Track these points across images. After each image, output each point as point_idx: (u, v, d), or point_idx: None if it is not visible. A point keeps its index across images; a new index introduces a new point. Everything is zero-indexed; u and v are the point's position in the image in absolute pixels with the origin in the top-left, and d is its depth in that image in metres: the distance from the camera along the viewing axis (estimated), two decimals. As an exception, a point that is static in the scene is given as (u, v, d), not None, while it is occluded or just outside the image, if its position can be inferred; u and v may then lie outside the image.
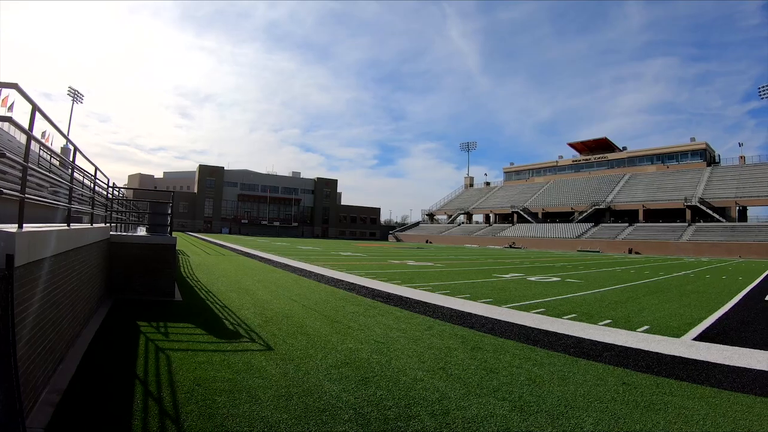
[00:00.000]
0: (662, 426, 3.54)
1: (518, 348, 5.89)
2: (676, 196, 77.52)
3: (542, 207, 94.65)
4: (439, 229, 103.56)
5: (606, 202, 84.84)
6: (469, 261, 27.16)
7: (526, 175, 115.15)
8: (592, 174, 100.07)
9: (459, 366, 4.98)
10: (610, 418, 3.65)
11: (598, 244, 70.70)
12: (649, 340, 6.54)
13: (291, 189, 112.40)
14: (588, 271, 21.46)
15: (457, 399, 3.96)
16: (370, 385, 4.24)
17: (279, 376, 4.39)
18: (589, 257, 40.77)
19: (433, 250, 44.10)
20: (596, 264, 28.33)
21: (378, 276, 14.57)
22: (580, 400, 4.04)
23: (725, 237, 64.19)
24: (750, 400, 4.22)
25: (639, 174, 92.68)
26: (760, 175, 76.51)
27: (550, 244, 75.06)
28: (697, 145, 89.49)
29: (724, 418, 3.72)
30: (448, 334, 6.61)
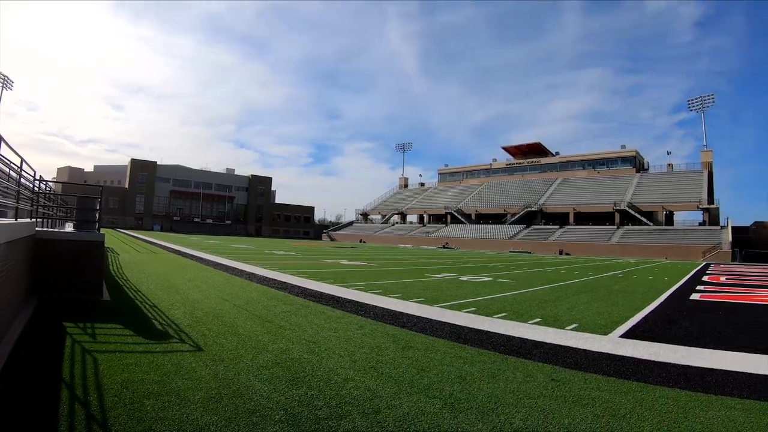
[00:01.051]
0: (590, 420, 3.63)
1: (449, 346, 5.93)
2: (606, 200, 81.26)
3: (475, 208, 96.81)
4: (373, 228, 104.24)
5: (538, 205, 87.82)
6: (402, 261, 27.42)
7: (460, 176, 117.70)
8: (525, 177, 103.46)
9: (390, 365, 4.96)
10: (540, 414, 3.71)
11: (529, 245, 73.07)
12: (578, 338, 6.74)
13: (225, 186, 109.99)
14: (519, 271, 22.06)
15: (388, 397, 3.94)
16: (301, 385, 4.16)
17: (209, 377, 4.26)
18: (521, 258, 41.94)
19: (367, 250, 44.38)
20: (527, 264, 29.15)
21: (311, 275, 14.45)
22: (509, 396, 4.10)
23: (652, 239, 68.02)
24: (675, 393, 4.41)
25: (570, 178, 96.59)
26: (686, 182, 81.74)
27: (483, 245, 76.73)
28: (627, 152, 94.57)
29: (650, 412, 3.86)
30: (380, 333, 6.59)
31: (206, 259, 19.74)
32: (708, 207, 73.26)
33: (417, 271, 19.25)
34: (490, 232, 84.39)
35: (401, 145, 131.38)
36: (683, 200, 76.52)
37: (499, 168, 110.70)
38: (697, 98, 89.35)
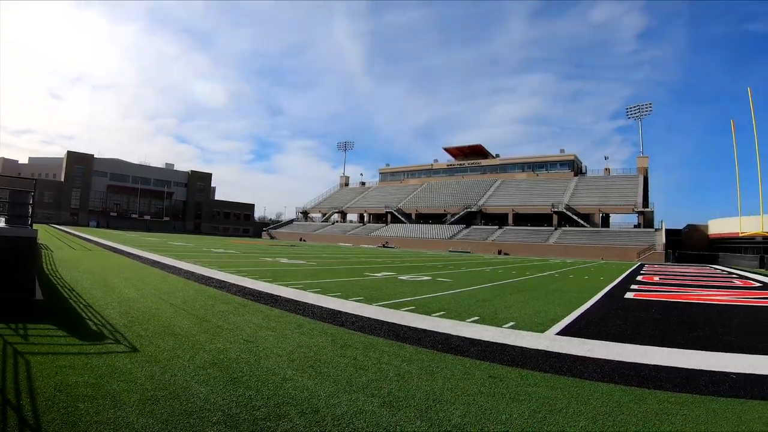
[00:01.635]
0: (527, 415, 3.66)
1: (387, 345, 5.90)
2: (544, 202, 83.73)
3: (416, 208, 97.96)
4: (313, 227, 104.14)
5: (478, 205, 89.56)
6: (342, 259, 27.35)
7: (401, 176, 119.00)
8: (466, 178, 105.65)
9: (329, 364, 4.89)
10: (477, 410, 3.73)
11: (469, 245, 74.37)
12: (515, 335, 6.83)
13: (163, 182, 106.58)
14: (458, 270, 22.34)
15: (326, 397, 3.88)
16: (239, 385, 4.04)
17: (144, 379, 4.07)
18: (460, 257, 42.58)
19: (307, 248, 44.18)
20: (466, 264, 29.59)
21: (249, 274, 14.17)
22: (447, 393, 4.10)
23: (589, 241, 70.45)
24: (609, 388, 4.51)
25: (510, 180, 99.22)
26: (621, 185, 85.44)
27: (423, 245, 77.65)
28: (566, 156, 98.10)
29: (586, 406, 3.94)
30: (318, 332, 6.50)
31: (143, 256, 19.06)
32: (643, 210, 76.84)
33: (356, 270, 19.20)
34: (430, 231, 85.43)
35: (343, 144, 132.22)
36: (619, 203, 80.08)
37: (440, 168, 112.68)
38: (635, 106, 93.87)
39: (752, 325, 9.16)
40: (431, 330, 6.93)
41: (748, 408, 4.12)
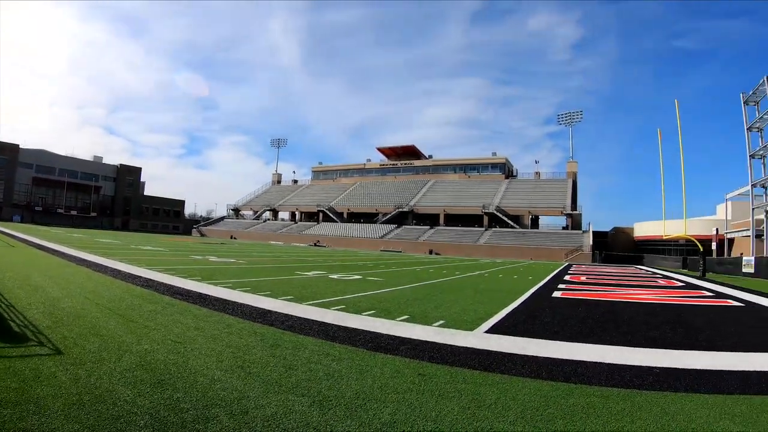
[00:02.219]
0: (456, 411, 3.68)
1: (317, 344, 5.83)
2: (475, 203, 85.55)
3: (348, 207, 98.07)
4: (244, 224, 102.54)
5: (410, 206, 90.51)
6: (272, 258, 27.16)
7: (333, 175, 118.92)
8: (398, 178, 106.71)
9: (258, 364, 4.77)
10: (407, 408, 3.71)
11: (400, 244, 75.05)
12: (444, 334, 6.89)
13: (91, 175, 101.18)
14: (389, 269, 22.48)
15: (256, 397, 3.78)
16: (166, 387, 3.87)
17: (70, 382, 3.83)
18: (392, 257, 42.98)
19: (237, 247, 43.80)
20: (397, 263, 29.87)
21: (178, 272, 13.77)
22: (377, 392, 4.07)
23: (518, 241, 72.49)
24: (538, 384, 4.60)
25: (442, 181, 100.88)
26: (551, 189, 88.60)
27: (355, 244, 77.81)
28: (498, 159, 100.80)
29: (514, 402, 3.99)
30: (248, 331, 6.35)
31: (69, 254, 18.27)
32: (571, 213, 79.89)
33: (287, 268, 19.03)
34: (362, 231, 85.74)
35: (276, 141, 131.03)
36: (549, 206, 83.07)
37: (373, 168, 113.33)
38: (566, 113, 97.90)
39: (674, 322, 9.57)
40: (361, 329, 6.90)
41: (671, 401, 4.29)
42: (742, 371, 5.60)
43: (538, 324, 8.43)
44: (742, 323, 10.10)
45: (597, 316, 9.97)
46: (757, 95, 44.83)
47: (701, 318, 10.60)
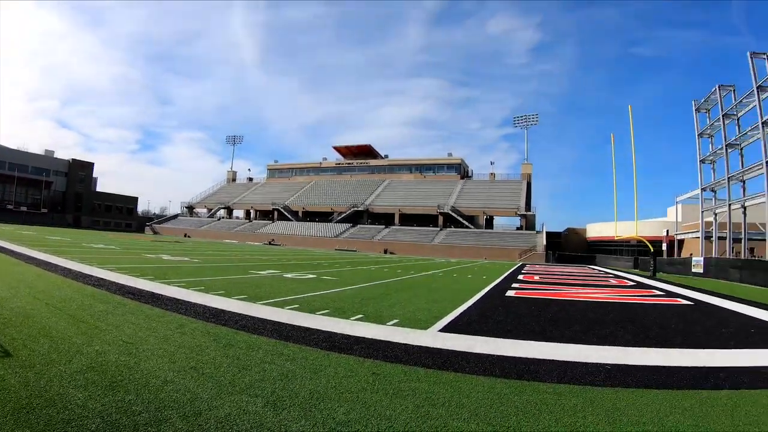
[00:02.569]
0: (410, 410, 3.68)
1: (271, 344, 5.75)
2: (430, 203, 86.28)
3: (303, 206, 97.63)
4: (198, 222, 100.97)
5: (365, 205, 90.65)
6: (226, 257, 26.83)
7: (289, 173, 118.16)
8: (354, 177, 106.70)
9: (211, 365, 4.68)
10: (361, 407, 3.70)
11: (355, 243, 75.11)
12: (398, 333, 6.89)
13: (42, 170, 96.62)
14: (344, 269, 22.46)
15: (209, 399, 3.69)
16: (118, 390, 3.75)
17: (19, 386, 3.67)
18: (347, 256, 42.93)
19: (191, 245, 43.36)
20: (352, 262, 29.82)
21: (131, 271, 13.39)
22: (331, 391, 4.04)
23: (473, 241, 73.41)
24: (491, 381, 4.64)
25: (398, 181, 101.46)
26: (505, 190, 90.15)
27: (310, 243, 77.62)
28: (454, 159, 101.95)
29: (468, 399, 4.01)
30: (201, 332, 6.22)
31: (17, 252, 17.72)
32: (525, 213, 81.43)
33: (241, 267, 18.80)
34: (317, 229, 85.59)
35: (232, 138, 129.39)
36: (503, 206, 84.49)
37: (329, 167, 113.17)
38: (522, 116, 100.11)
39: (626, 320, 9.87)
40: (315, 328, 6.84)
41: (622, 396, 4.40)
42: (691, 367, 5.80)
43: (492, 323, 8.53)
44: (690, 321, 10.45)
45: (550, 314, 10.18)
46: (708, 103, 46.50)
47: (652, 316, 10.93)
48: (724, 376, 5.43)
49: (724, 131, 42.15)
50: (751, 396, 4.65)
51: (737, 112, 41.38)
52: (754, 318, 11.25)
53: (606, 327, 8.71)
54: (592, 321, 9.45)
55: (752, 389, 4.91)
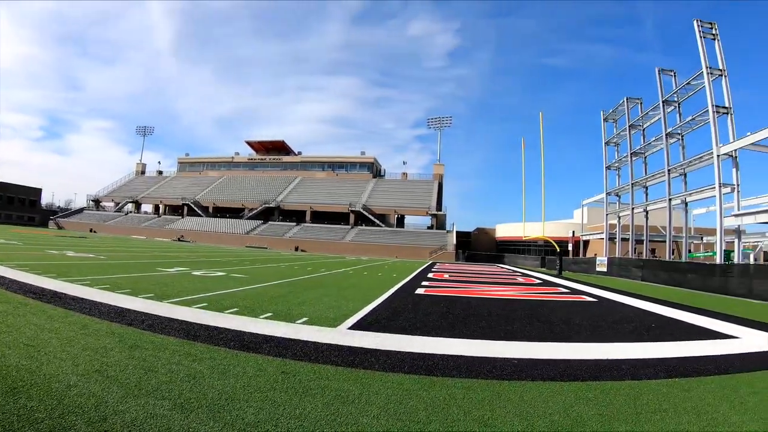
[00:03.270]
0: (320, 408, 3.65)
1: (178, 344, 5.54)
2: (342, 201, 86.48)
3: (214, 201, 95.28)
4: (105, 217, 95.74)
5: (276, 201, 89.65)
6: (134, 253, 25.80)
7: (200, 167, 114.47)
8: (266, 173, 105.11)
9: (116, 367, 4.43)
10: (271, 406, 3.64)
11: (266, 241, 74.23)
12: (308, 331, 6.84)
13: None
14: (254, 266, 22.09)
15: (114, 403, 3.50)
16: (19, 396, 3.48)
17: None
18: (257, 253, 42.34)
19: (97, 240, 41.19)
20: (262, 260, 29.45)
21: (32, 268, 12.54)
22: (240, 392, 3.95)
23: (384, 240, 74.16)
24: (400, 377, 4.68)
25: (310, 178, 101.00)
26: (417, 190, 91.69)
27: (220, 239, 76.07)
28: (366, 158, 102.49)
29: (377, 396, 4.03)
30: (106, 332, 5.89)
31: None
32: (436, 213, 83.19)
33: (149, 264, 18.14)
34: (228, 226, 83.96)
35: (143, 128, 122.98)
36: (414, 206, 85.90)
37: (241, 162, 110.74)
38: (436, 118, 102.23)
39: (531, 317, 10.22)
40: (224, 327, 6.68)
41: (530, 389, 4.58)
42: (595, 360, 6.14)
43: (401, 320, 8.60)
44: (594, 317, 10.97)
45: (458, 311, 10.38)
46: (616, 114, 49.41)
47: (557, 312, 11.45)
48: (626, 367, 5.77)
49: (630, 140, 45.03)
50: (652, 385, 4.98)
51: (643, 124, 44.34)
52: (653, 313, 12.05)
53: (513, 323, 9.00)
54: (499, 317, 9.73)
55: (652, 379, 5.25)
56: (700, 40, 31.84)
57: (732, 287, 19.97)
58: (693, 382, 5.22)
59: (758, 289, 18.19)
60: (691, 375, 5.54)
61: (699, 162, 34.71)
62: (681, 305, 14.27)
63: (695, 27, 31.96)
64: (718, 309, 13.58)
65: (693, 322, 10.61)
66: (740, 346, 7.82)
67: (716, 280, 21.61)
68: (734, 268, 21.92)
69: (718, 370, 5.87)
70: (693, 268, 25.81)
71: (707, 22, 32.20)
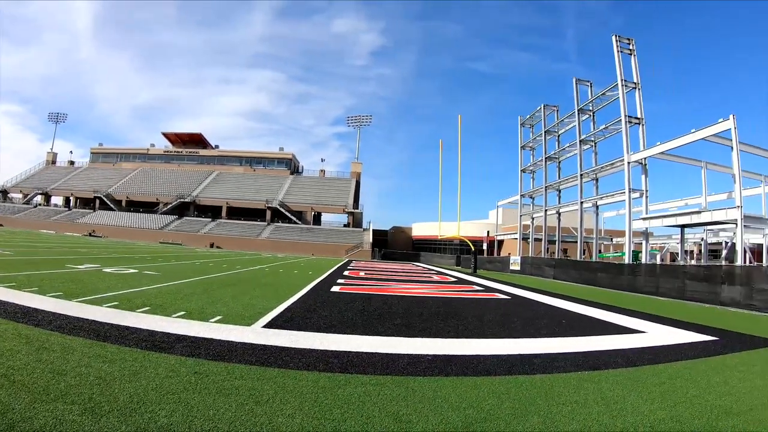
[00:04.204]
0: (234, 408, 3.60)
1: (88, 345, 5.28)
2: (259, 197, 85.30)
3: (128, 194, 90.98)
4: (12, 209, 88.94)
5: (192, 196, 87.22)
6: (42, 249, 24.43)
7: (114, 158, 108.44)
8: (182, 167, 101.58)
9: (23, 371, 4.17)
10: (184, 408, 3.55)
11: (181, 236, 72.28)
12: (222, 330, 6.71)
13: None
14: (168, 263, 21.42)
15: (21, 409, 3.30)
16: None
17: None
18: (171, 250, 41.00)
19: (3, 235, 39.21)
20: (176, 257, 28.64)
21: None
22: (152, 394, 3.82)
23: (301, 237, 73.73)
24: (315, 376, 4.68)
25: (227, 173, 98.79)
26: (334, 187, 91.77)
27: (133, 235, 73.04)
28: (285, 154, 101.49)
29: (292, 394, 4.02)
30: (11, 334, 5.53)
31: None
32: (353, 211, 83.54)
33: (58, 261, 17.20)
34: (142, 221, 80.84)
35: (55, 115, 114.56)
36: (332, 203, 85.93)
37: (157, 154, 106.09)
38: (356, 116, 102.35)
39: (447, 314, 10.44)
40: (135, 327, 6.43)
41: (443, 384, 4.69)
42: (508, 355, 6.36)
43: (316, 317, 8.59)
44: (507, 313, 11.35)
45: (373, 309, 10.47)
46: (533, 119, 51.12)
47: (472, 310, 11.74)
48: (538, 362, 6.02)
49: (545, 145, 46.86)
50: (563, 378, 5.24)
51: (558, 130, 46.42)
52: (565, 310, 12.66)
53: (428, 320, 9.18)
54: (414, 315, 9.90)
55: (564, 372, 5.53)
56: (618, 54, 33.68)
57: (640, 285, 21.34)
58: (603, 374, 5.54)
59: (664, 287, 19.57)
60: (601, 368, 5.88)
61: (611, 168, 36.74)
62: (591, 302, 15.08)
63: (613, 42, 33.83)
64: (626, 306, 14.48)
65: (603, 318, 11.24)
66: (647, 340, 8.40)
67: (625, 278, 22.99)
68: (642, 267, 23.43)
69: (627, 363, 6.28)
70: (603, 267, 27.28)
71: (625, 38, 34.21)
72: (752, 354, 7.65)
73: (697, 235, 43.56)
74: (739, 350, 7.85)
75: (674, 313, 13.12)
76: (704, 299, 17.03)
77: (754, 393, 5.09)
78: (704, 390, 5.08)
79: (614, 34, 33.69)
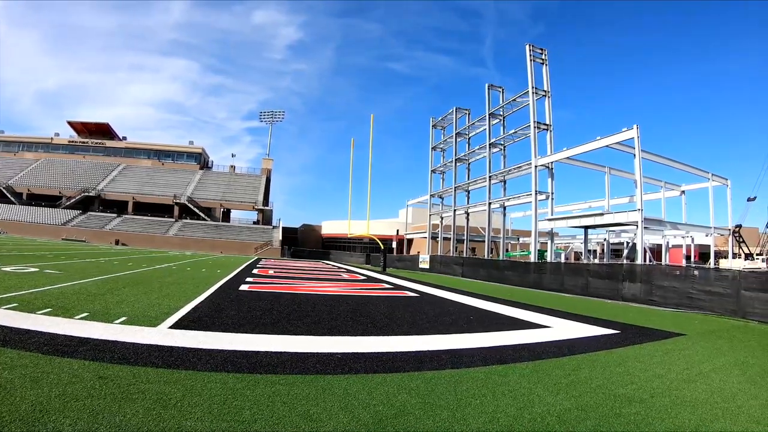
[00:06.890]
0: (141, 414, 3.47)
1: (-16, 351, 4.96)
2: (167, 193, 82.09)
3: (29, 187, 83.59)
4: None
5: (97, 190, 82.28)
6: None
7: (15, 147, 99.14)
8: (87, 158, 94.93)
9: None
10: (89, 415, 3.38)
11: (85, 233, 68.16)
12: (127, 331, 6.44)
13: None
14: (70, 261, 20.30)
15: None
16: None
17: None
18: (75, 247, 39.01)
19: None
20: (80, 254, 27.19)
21: None
22: (55, 401, 3.61)
23: (210, 234, 71.76)
24: (223, 377, 4.60)
25: (134, 166, 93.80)
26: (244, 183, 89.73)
27: (34, 231, 67.81)
28: (194, 148, 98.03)
29: (200, 397, 3.93)
30: None
31: None
32: (263, 208, 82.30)
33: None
34: (43, 216, 75.04)
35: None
36: (241, 200, 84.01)
37: (61, 144, 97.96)
38: (269, 112, 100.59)
39: (356, 312, 10.48)
40: (35, 330, 6.05)
41: (353, 382, 4.74)
42: (417, 351, 6.52)
43: (224, 317, 8.42)
44: (416, 311, 11.47)
45: (283, 307, 10.38)
46: (444, 121, 51.87)
47: (381, 307, 11.83)
48: (446, 357, 6.20)
49: (456, 147, 47.76)
50: (470, 373, 5.41)
51: (469, 133, 47.57)
52: (473, 307, 13.01)
53: (337, 319, 9.19)
54: (324, 313, 9.87)
55: (471, 367, 5.71)
56: (530, 62, 34.88)
57: (546, 283, 22.08)
58: (510, 368, 5.77)
59: (568, 285, 20.39)
60: (507, 362, 6.12)
61: (518, 171, 37.95)
62: (499, 299, 15.57)
63: (527, 51, 34.99)
64: (533, 302, 15.04)
65: (509, 314, 11.63)
66: (552, 335, 8.80)
67: (531, 276, 23.70)
68: (547, 266, 24.49)
69: (533, 356, 6.57)
70: (510, 265, 27.96)
71: (539, 48, 35.59)
72: (652, 345, 8.18)
73: (600, 236, 46.45)
74: (640, 342, 8.36)
75: (578, 308, 13.73)
76: (607, 296, 17.85)
77: (654, 381, 5.49)
78: (607, 380, 5.42)
79: (528, 43, 35.01)
